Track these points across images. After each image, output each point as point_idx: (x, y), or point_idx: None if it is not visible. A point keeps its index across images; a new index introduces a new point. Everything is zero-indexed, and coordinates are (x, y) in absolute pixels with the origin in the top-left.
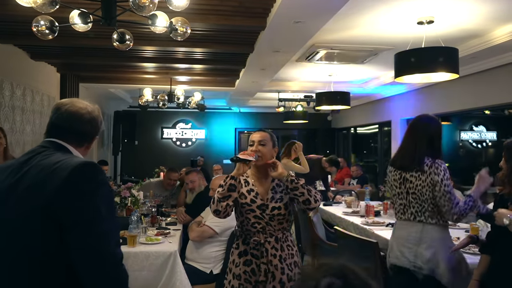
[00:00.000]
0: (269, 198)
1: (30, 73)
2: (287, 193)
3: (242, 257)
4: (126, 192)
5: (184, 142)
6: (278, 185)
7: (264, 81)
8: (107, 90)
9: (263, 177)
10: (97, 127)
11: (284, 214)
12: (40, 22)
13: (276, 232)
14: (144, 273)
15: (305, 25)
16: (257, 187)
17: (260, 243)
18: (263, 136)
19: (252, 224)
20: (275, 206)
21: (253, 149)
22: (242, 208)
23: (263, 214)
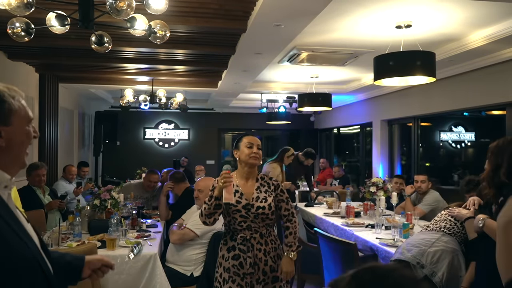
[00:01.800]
0: (254, 198)
1: (7, 73)
2: (271, 195)
3: (231, 252)
4: (106, 195)
5: (167, 143)
6: (262, 185)
7: (247, 82)
8: (88, 91)
9: (249, 177)
10: None
11: (267, 213)
12: (15, 24)
13: (260, 229)
14: (123, 276)
15: (285, 28)
16: (242, 187)
17: (246, 239)
18: (259, 141)
19: (238, 223)
20: (260, 206)
21: (253, 151)
22: (228, 209)
23: (248, 213)
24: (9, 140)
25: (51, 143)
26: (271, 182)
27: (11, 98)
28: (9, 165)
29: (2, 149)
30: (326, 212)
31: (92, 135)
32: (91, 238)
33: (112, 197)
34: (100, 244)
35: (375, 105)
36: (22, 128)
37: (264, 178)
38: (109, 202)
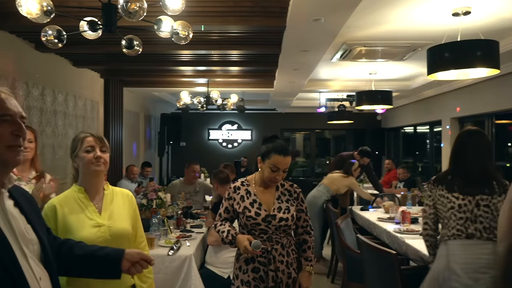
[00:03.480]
0: (275, 208)
1: (72, 80)
2: (293, 204)
3: (250, 264)
4: (152, 195)
5: (230, 143)
6: (283, 193)
7: (301, 81)
8: (152, 94)
9: (268, 185)
10: None
11: (290, 225)
12: (48, 32)
13: (282, 239)
14: (160, 275)
15: (326, 23)
16: (260, 197)
17: (267, 250)
18: (289, 162)
19: (258, 235)
20: (283, 217)
21: (277, 177)
22: (247, 221)
23: (269, 226)
24: None
25: (115, 144)
26: (292, 189)
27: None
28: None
29: None
30: (380, 217)
31: (157, 137)
32: None
33: (158, 197)
34: None
35: (444, 102)
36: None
37: (284, 185)
38: (155, 201)
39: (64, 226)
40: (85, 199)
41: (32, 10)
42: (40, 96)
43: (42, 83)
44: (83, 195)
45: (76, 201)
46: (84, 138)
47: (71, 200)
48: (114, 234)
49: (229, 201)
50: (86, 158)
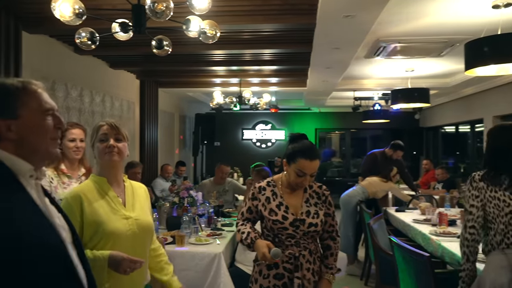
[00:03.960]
0: (303, 212)
1: (109, 81)
2: (322, 208)
3: (272, 269)
4: (184, 193)
5: (264, 143)
6: (311, 196)
7: (335, 80)
8: (186, 94)
9: (296, 187)
10: None
11: (319, 230)
12: (81, 34)
13: (309, 245)
14: (190, 273)
15: (357, 19)
16: (287, 199)
17: (295, 256)
18: (317, 166)
19: (285, 239)
20: (312, 223)
21: (303, 181)
22: (273, 224)
23: (297, 231)
24: (20, 133)
25: (150, 143)
26: (321, 191)
27: (19, 90)
28: (29, 156)
29: (16, 141)
30: (416, 219)
31: (192, 136)
32: (166, 234)
33: (190, 195)
34: (172, 239)
35: (486, 100)
36: (34, 120)
37: (312, 186)
38: (186, 200)
39: (91, 217)
40: (109, 190)
41: (65, 13)
42: (78, 97)
43: (81, 85)
44: (106, 186)
45: (98, 191)
46: (100, 127)
47: (93, 189)
48: (141, 227)
49: (253, 201)
50: (100, 147)
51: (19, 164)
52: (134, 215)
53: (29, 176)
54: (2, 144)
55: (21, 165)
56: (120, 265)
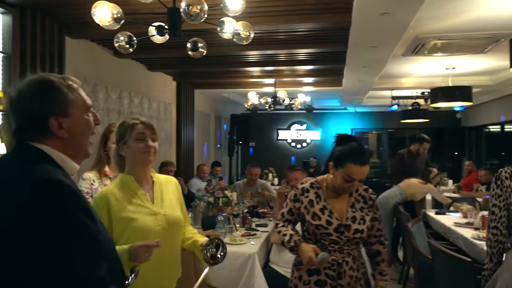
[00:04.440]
0: (348, 217)
1: (147, 83)
2: (369, 214)
3: (313, 275)
4: (219, 193)
5: (299, 143)
6: (357, 200)
7: (371, 78)
8: (222, 95)
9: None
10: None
11: (364, 237)
12: (120, 38)
13: (353, 251)
14: (225, 272)
15: (394, 16)
16: (331, 203)
17: (338, 262)
18: (366, 172)
19: (328, 245)
20: (358, 229)
21: (351, 186)
22: (316, 229)
23: (341, 237)
24: (71, 131)
25: (187, 144)
26: (367, 195)
27: (66, 88)
28: (75, 155)
29: (65, 140)
30: (457, 222)
31: (227, 137)
32: (201, 233)
33: (224, 195)
34: (207, 239)
35: None
36: (81, 118)
37: (358, 189)
38: (221, 200)
39: (119, 216)
40: (137, 188)
41: (104, 18)
42: (118, 99)
43: (120, 87)
44: (134, 184)
45: (126, 190)
46: (134, 125)
47: (121, 189)
48: (170, 223)
49: (295, 203)
50: (137, 147)
51: (70, 164)
52: (163, 211)
53: (71, 175)
54: (51, 142)
55: (71, 166)
56: (138, 255)
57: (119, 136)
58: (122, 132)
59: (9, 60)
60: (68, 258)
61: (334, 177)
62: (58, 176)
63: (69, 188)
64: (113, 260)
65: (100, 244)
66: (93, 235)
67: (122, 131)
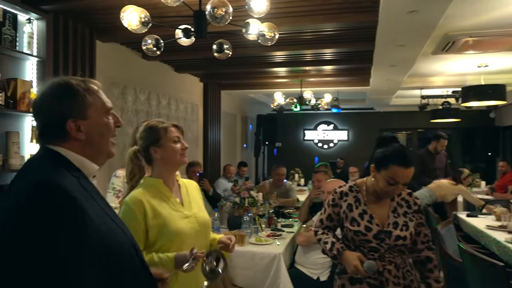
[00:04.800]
0: (390, 223)
1: (175, 84)
2: (412, 219)
3: (355, 284)
4: (245, 193)
5: (326, 144)
6: (399, 204)
7: (399, 78)
8: (248, 96)
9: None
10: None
11: (407, 244)
12: (147, 41)
13: (395, 259)
14: (250, 272)
15: (423, 14)
16: (371, 208)
17: (379, 271)
18: (411, 174)
19: (368, 252)
20: (400, 236)
21: (394, 190)
22: (354, 235)
23: (381, 244)
24: (88, 133)
25: (213, 144)
26: (411, 199)
27: (85, 91)
28: (95, 157)
29: (84, 142)
30: (489, 225)
31: (254, 137)
32: (226, 233)
33: (250, 195)
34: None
35: None
36: (100, 120)
37: (401, 194)
38: (247, 200)
39: (155, 221)
40: (167, 191)
41: (132, 22)
42: (146, 101)
43: (148, 89)
44: (164, 187)
45: (157, 193)
46: (168, 128)
47: (152, 192)
48: (201, 224)
49: (334, 208)
50: (175, 148)
51: (88, 166)
52: (193, 213)
53: (92, 177)
54: (69, 144)
55: (89, 167)
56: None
57: (152, 139)
58: (154, 136)
59: (43, 64)
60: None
61: (375, 180)
62: (59, 179)
63: (64, 194)
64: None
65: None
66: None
67: (155, 135)
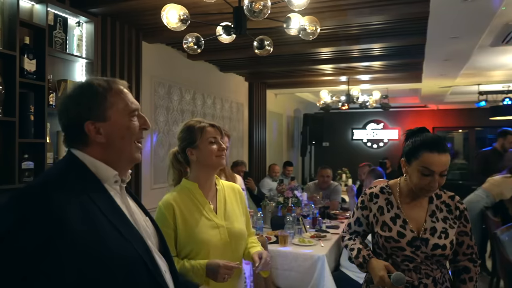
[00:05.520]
0: (427, 228)
1: (219, 84)
2: (453, 226)
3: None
4: (289, 193)
5: (375, 143)
6: (439, 208)
7: (454, 73)
8: (294, 95)
9: (418, 196)
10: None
11: (447, 254)
12: (188, 39)
13: (434, 272)
14: (293, 273)
15: (479, 2)
16: (405, 211)
17: (413, 285)
18: (447, 162)
19: (401, 262)
20: (438, 244)
21: (430, 183)
22: (386, 242)
23: (416, 253)
24: (109, 136)
25: (259, 144)
26: (453, 203)
27: (106, 92)
28: (115, 161)
29: (104, 145)
30: None
31: (300, 137)
32: (270, 233)
33: (294, 195)
34: (275, 239)
35: None
36: (121, 122)
37: (441, 196)
38: (291, 200)
39: (184, 227)
40: (201, 196)
41: (171, 19)
42: (191, 100)
43: (194, 88)
44: (198, 192)
45: (191, 199)
46: (205, 128)
47: (186, 197)
48: (232, 236)
49: (363, 210)
50: (211, 149)
51: (104, 170)
52: (226, 223)
53: (114, 181)
54: (90, 148)
55: (105, 171)
56: (218, 273)
57: (187, 139)
58: (192, 136)
59: (92, 65)
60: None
61: (408, 176)
62: (49, 186)
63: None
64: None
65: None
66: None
67: (192, 135)
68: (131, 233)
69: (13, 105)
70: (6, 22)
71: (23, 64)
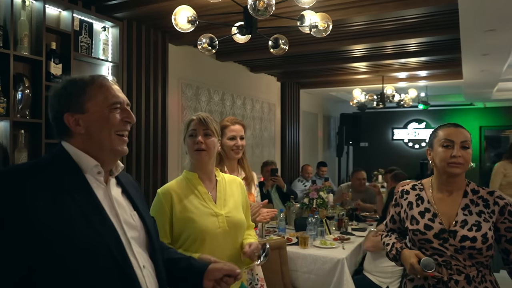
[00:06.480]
0: (458, 221)
1: (250, 84)
2: (489, 220)
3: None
4: (314, 194)
5: (417, 143)
6: (473, 202)
7: (497, 68)
8: (329, 94)
9: (451, 188)
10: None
11: (480, 248)
12: (202, 40)
13: (467, 269)
14: (312, 276)
15: None
16: (437, 204)
17: (443, 281)
18: (466, 134)
19: (431, 256)
20: (467, 236)
21: (453, 154)
22: (413, 235)
23: (445, 246)
24: (88, 127)
25: (292, 144)
26: (491, 198)
27: (86, 86)
28: (96, 151)
29: (84, 136)
30: None
31: (336, 137)
32: (292, 234)
33: (319, 196)
34: (296, 240)
35: None
36: (100, 114)
37: (478, 191)
38: (315, 201)
39: (181, 214)
40: (200, 186)
41: (181, 22)
42: (220, 101)
43: (222, 89)
44: (197, 182)
45: (190, 188)
46: (191, 121)
47: (185, 186)
48: (231, 224)
49: (395, 208)
50: (189, 143)
51: (85, 160)
52: (225, 212)
53: (96, 172)
54: (74, 139)
55: (86, 161)
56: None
57: (183, 133)
58: (184, 129)
59: (117, 69)
60: None
61: (434, 160)
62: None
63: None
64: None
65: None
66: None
67: (184, 128)
68: (103, 223)
69: (39, 108)
70: (34, 29)
71: (49, 68)
